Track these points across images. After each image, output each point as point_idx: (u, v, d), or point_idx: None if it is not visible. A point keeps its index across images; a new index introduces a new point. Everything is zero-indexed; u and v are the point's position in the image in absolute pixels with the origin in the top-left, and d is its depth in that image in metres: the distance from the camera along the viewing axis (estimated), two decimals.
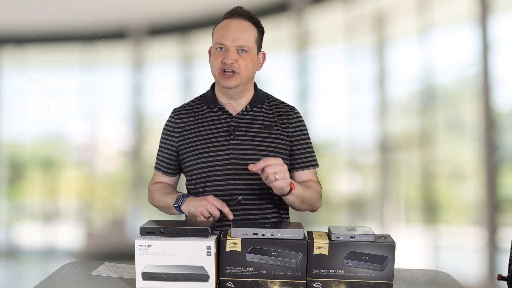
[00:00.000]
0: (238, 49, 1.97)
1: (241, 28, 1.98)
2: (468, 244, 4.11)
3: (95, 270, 1.88)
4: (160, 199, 2.05)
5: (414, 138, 4.25)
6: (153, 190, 2.11)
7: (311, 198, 1.99)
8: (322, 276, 1.63)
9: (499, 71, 3.97)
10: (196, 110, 2.09)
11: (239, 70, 1.97)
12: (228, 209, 1.89)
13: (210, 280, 1.61)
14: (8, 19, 4.34)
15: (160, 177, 2.15)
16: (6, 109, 4.41)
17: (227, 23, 2.00)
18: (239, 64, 1.96)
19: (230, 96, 2.05)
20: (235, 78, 1.97)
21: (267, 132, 2.04)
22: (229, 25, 1.99)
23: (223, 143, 2.01)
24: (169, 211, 2.03)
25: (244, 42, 1.97)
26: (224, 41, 1.97)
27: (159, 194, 2.07)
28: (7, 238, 4.46)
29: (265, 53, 2.07)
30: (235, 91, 2.02)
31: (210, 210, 1.87)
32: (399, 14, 4.24)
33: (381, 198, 4.24)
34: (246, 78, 2.00)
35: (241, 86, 2.02)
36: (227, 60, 1.95)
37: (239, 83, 1.99)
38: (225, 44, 1.97)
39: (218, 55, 1.98)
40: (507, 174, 4.03)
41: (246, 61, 1.97)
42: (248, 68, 1.98)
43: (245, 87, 2.04)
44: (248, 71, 1.99)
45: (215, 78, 2.02)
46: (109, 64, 4.43)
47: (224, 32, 1.98)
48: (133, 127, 4.42)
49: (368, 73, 4.23)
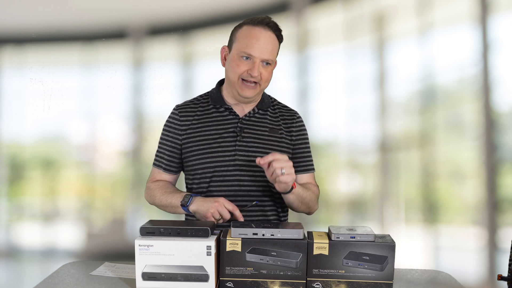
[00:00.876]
0: (264, 62, 1.96)
1: (270, 41, 1.97)
2: (468, 244, 4.11)
3: (95, 270, 1.88)
4: (163, 198, 2.02)
5: (414, 138, 4.25)
6: (153, 188, 2.08)
7: (310, 199, 2.02)
8: (322, 276, 1.63)
9: (499, 71, 3.97)
10: (202, 109, 2.08)
11: (260, 82, 1.97)
12: (239, 212, 1.88)
13: (210, 280, 1.61)
14: (8, 19, 4.34)
15: (161, 174, 2.11)
16: (6, 109, 4.41)
17: (257, 33, 1.96)
18: (262, 76, 1.97)
19: (241, 102, 2.06)
20: (255, 89, 1.98)
21: (272, 135, 2.06)
22: (259, 36, 1.96)
23: (230, 144, 2.02)
24: (173, 210, 2.01)
25: (271, 56, 1.97)
26: (253, 52, 1.94)
27: (161, 192, 2.04)
28: (7, 238, 4.46)
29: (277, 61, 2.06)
30: (250, 99, 2.03)
31: (221, 212, 1.86)
32: (399, 14, 4.24)
33: (381, 198, 4.24)
34: (263, 88, 2.03)
35: (257, 96, 2.04)
36: (253, 73, 1.94)
37: (257, 93, 2.01)
38: (254, 56, 1.95)
39: (242, 63, 1.96)
40: (507, 174, 4.03)
41: (268, 74, 1.99)
42: (268, 80, 2.00)
43: (258, 96, 2.06)
44: (267, 83, 2.01)
45: (233, 84, 1.99)
46: (109, 64, 4.43)
47: (253, 42, 1.95)
48: (133, 127, 4.42)
49: (368, 73, 4.23)
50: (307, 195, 1.99)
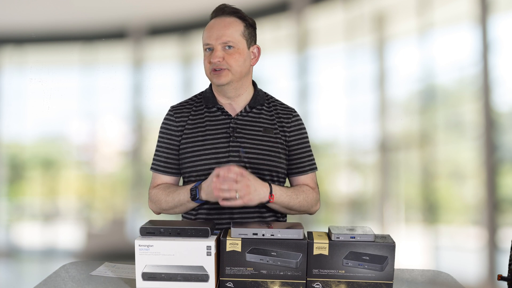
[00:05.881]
0: (224, 46, 1.94)
1: (223, 24, 1.96)
2: (468, 244, 4.11)
3: (95, 270, 1.88)
4: (169, 199, 1.95)
5: (414, 138, 4.25)
6: (155, 193, 2.01)
7: (300, 205, 1.96)
8: (322, 276, 1.63)
9: (499, 71, 3.97)
10: (195, 109, 2.05)
11: (228, 67, 1.94)
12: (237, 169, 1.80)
13: (210, 280, 1.61)
14: (8, 19, 4.35)
15: (161, 178, 2.05)
16: (6, 109, 4.41)
17: (211, 23, 1.99)
18: (227, 61, 1.94)
19: (227, 94, 2.01)
20: (225, 74, 1.94)
21: (266, 135, 2.00)
22: (212, 24, 1.98)
23: (223, 145, 1.98)
24: (184, 207, 1.95)
25: (229, 38, 1.94)
26: (209, 40, 1.95)
27: (165, 194, 1.97)
28: (7, 238, 4.46)
29: (259, 47, 2.03)
30: (230, 88, 1.98)
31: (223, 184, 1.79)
32: (399, 14, 4.24)
33: (381, 198, 4.24)
34: (238, 74, 1.96)
35: (235, 83, 1.98)
36: (213, 59, 1.93)
37: (230, 79, 1.95)
38: (210, 44, 1.95)
39: (206, 56, 1.97)
40: (507, 174, 4.03)
41: (234, 57, 1.95)
42: (238, 63, 1.95)
43: (240, 84, 2.00)
44: (239, 66, 1.96)
45: (209, 79, 2.00)
46: (109, 64, 4.43)
47: (208, 32, 1.96)
48: (133, 127, 4.43)
49: (368, 73, 4.23)
50: (295, 202, 1.94)
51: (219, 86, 1.97)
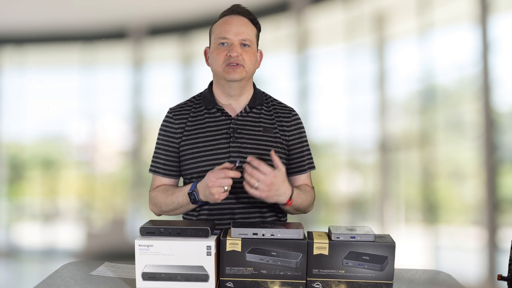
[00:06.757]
0: (241, 43, 1.96)
1: (242, 23, 1.98)
2: (468, 244, 4.11)
3: (95, 270, 1.88)
4: (169, 201, 1.96)
5: (414, 138, 4.25)
6: (155, 196, 2.01)
7: (307, 206, 2.00)
8: (322, 276, 1.63)
9: (499, 71, 3.97)
10: (195, 111, 2.05)
11: (244, 63, 1.95)
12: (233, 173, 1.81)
13: (210, 280, 1.61)
14: (8, 19, 4.35)
15: (160, 180, 2.05)
16: (6, 109, 4.41)
17: (228, 19, 1.99)
18: (244, 57, 1.95)
19: (232, 92, 2.01)
20: (240, 71, 1.95)
21: (266, 135, 2.01)
22: (230, 20, 1.98)
23: (223, 146, 1.98)
24: (184, 209, 1.96)
25: (247, 36, 1.97)
26: (228, 35, 1.95)
27: (164, 196, 1.98)
28: (7, 238, 4.46)
29: (262, 52, 2.07)
30: (238, 85, 1.99)
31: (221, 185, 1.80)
32: (399, 14, 4.24)
33: (381, 198, 4.24)
34: (250, 72, 1.99)
35: (245, 81, 1.99)
36: (232, 53, 1.93)
37: (244, 76, 1.96)
38: (228, 38, 1.95)
39: (221, 50, 1.96)
40: (507, 174, 4.03)
41: (249, 55, 1.96)
42: (252, 62, 1.98)
43: (247, 83, 2.02)
44: (252, 65, 1.98)
45: (219, 74, 1.98)
46: (109, 64, 4.43)
47: (226, 27, 1.97)
48: (133, 127, 4.43)
49: (368, 73, 4.23)
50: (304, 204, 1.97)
51: (231, 81, 1.97)
